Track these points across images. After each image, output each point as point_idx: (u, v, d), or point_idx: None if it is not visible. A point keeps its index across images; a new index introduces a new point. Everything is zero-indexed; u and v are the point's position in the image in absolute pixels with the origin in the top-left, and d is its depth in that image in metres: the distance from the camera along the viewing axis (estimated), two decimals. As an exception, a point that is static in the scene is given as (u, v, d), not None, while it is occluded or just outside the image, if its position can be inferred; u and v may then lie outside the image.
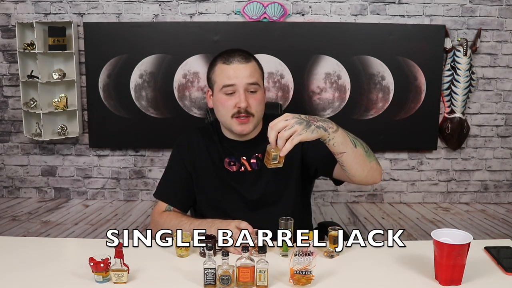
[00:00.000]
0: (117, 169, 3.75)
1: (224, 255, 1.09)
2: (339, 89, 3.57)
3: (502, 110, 3.70)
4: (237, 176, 1.49)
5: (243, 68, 1.40)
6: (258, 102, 1.43)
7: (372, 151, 1.37)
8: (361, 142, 1.36)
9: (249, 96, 1.41)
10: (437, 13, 3.54)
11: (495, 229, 3.20)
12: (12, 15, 3.55)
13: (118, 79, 3.56)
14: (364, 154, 1.32)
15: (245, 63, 1.41)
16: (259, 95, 1.43)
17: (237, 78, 1.40)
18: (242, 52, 1.44)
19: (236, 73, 1.40)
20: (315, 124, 1.19)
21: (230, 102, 1.41)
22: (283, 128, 1.15)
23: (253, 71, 1.42)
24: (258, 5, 3.49)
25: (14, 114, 3.70)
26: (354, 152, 1.29)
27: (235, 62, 1.41)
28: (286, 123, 1.15)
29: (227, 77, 1.41)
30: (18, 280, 1.14)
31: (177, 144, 1.58)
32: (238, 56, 1.42)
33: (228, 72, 1.41)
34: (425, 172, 3.76)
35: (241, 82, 1.40)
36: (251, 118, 1.42)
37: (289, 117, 1.17)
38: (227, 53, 1.44)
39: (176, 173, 1.55)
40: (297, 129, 1.15)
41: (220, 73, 1.43)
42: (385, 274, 1.19)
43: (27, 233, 3.02)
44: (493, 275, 1.17)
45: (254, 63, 1.44)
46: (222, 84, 1.42)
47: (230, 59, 1.41)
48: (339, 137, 1.25)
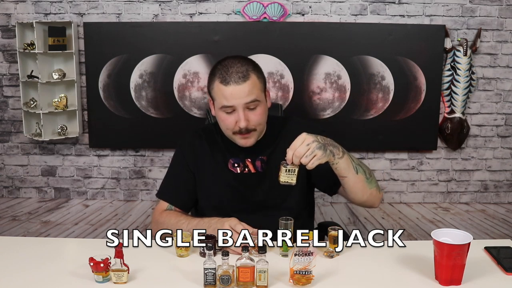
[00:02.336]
0: (117, 169, 3.75)
1: (224, 255, 1.09)
2: (339, 89, 3.57)
3: (502, 110, 3.70)
4: (241, 178, 1.49)
5: (241, 89, 1.37)
6: (259, 116, 1.42)
7: (374, 178, 1.44)
8: (365, 168, 1.41)
9: (249, 113, 1.40)
10: (437, 13, 3.54)
11: (495, 229, 3.20)
12: (12, 15, 3.55)
13: (118, 79, 3.56)
14: (365, 180, 1.39)
15: (243, 82, 1.37)
16: (259, 109, 1.42)
17: (235, 100, 1.37)
18: (241, 66, 1.39)
19: (234, 95, 1.37)
20: (329, 148, 1.28)
21: (230, 120, 1.41)
22: (305, 153, 1.23)
23: (251, 89, 1.38)
24: (258, 5, 3.49)
25: (14, 114, 3.70)
26: (355, 177, 1.36)
27: (232, 83, 1.37)
28: (308, 147, 1.24)
29: (225, 98, 1.38)
30: (18, 280, 1.14)
31: (180, 145, 1.58)
32: (236, 75, 1.37)
33: (225, 93, 1.38)
34: (425, 172, 3.76)
35: (239, 103, 1.38)
36: (253, 133, 1.43)
37: (309, 141, 1.25)
38: (225, 68, 1.39)
39: (178, 173, 1.55)
40: (317, 154, 1.24)
41: (218, 91, 1.40)
42: (385, 274, 1.19)
43: (27, 233, 3.02)
44: (493, 275, 1.17)
45: (252, 78, 1.39)
46: (220, 104, 1.40)
47: (227, 79, 1.37)
48: (343, 163, 1.33)
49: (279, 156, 1.51)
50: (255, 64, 1.44)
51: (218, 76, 1.40)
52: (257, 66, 1.44)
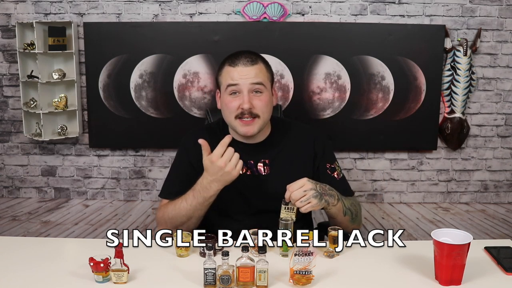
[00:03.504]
0: (117, 169, 3.75)
1: (224, 255, 1.09)
2: (339, 89, 3.57)
3: (502, 110, 3.70)
4: (243, 179, 1.49)
5: (248, 70, 1.42)
6: (264, 103, 1.43)
7: (360, 216, 1.53)
8: (353, 210, 1.48)
9: (254, 97, 1.42)
10: (437, 13, 3.54)
11: (495, 229, 3.20)
12: (12, 15, 3.55)
13: (118, 79, 3.56)
14: (349, 220, 1.46)
15: (251, 65, 1.42)
16: (265, 96, 1.43)
17: (241, 79, 1.41)
18: (250, 54, 1.46)
19: (241, 75, 1.41)
20: (325, 198, 1.35)
21: (234, 103, 1.42)
22: (301, 198, 1.30)
23: (258, 72, 1.43)
24: (258, 5, 3.49)
25: (14, 114, 3.70)
26: (342, 218, 1.44)
27: (240, 65, 1.42)
28: (305, 193, 1.30)
29: (231, 78, 1.42)
30: (18, 280, 1.14)
31: (184, 143, 1.57)
32: (244, 59, 1.43)
33: (232, 73, 1.42)
34: (425, 172, 3.76)
35: (245, 83, 1.41)
36: (256, 120, 1.43)
37: (307, 188, 1.31)
38: (234, 55, 1.46)
39: (181, 172, 1.54)
40: (312, 202, 1.31)
41: (226, 74, 1.44)
42: (385, 274, 1.19)
43: (27, 233, 3.02)
44: (493, 275, 1.17)
45: (260, 65, 1.45)
46: (226, 83, 1.43)
47: (236, 61, 1.43)
48: (335, 209, 1.41)
49: (282, 159, 1.52)
50: (264, 59, 1.50)
51: (227, 61, 1.46)
52: (265, 60, 1.50)
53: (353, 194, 1.58)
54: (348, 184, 1.60)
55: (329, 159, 1.56)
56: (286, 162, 1.52)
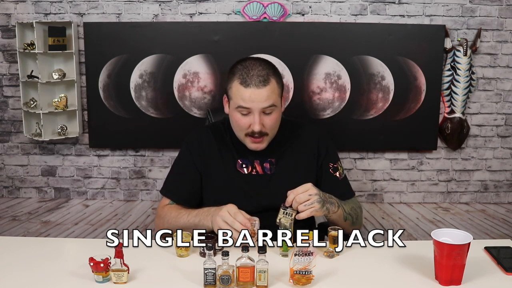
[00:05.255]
0: (117, 169, 3.74)
1: (224, 255, 1.09)
2: (339, 89, 3.57)
3: (502, 110, 3.70)
4: (248, 179, 1.49)
5: (260, 93, 1.37)
6: (274, 121, 1.44)
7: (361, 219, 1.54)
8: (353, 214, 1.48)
9: (264, 118, 1.41)
10: (437, 13, 3.54)
11: (495, 229, 3.20)
12: (12, 15, 3.55)
13: (118, 79, 3.56)
14: (349, 225, 1.47)
15: (263, 86, 1.37)
16: (275, 114, 1.43)
17: (253, 103, 1.38)
18: (262, 69, 1.39)
19: (252, 98, 1.38)
20: (326, 205, 1.36)
21: (245, 122, 1.42)
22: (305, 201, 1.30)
23: (270, 94, 1.39)
24: (258, 5, 3.49)
25: (14, 114, 3.70)
26: (342, 223, 1.44)
27: (252, 86, 1.37)
28: (309, 197, 1.31)
29: (242, 99, 1.39)
30: (18, 280, 1.14)
31: (187, 142, 1.57)
32: (257, 78, 1.37)
33: (244, 95, 1.38)
34: (425, 172, 3.76)
35: (257, 107, 1.39)
36: (265, 137, 1.44)
37: (312, 192, 1.32)
38: (246, 69, 1.39)
39: (183, 171, 1.54)
40: (315, 206, 1.31)
41: (236, 92, 1.40)
42: (385, 274, 1.19)
43: (27, 233, 3.02)
44: (493, 275, 1.17)
45: (272, 83, 1.40)
46: (237, 104, 1.41)
47: (247, 81, 1.38)
48: (336, 215, 1.42)
49: (288, 159, 1.53)
50: (275, 69, 1.45)
51: (238, 76, 1.40)
52: (277, 70, 1.45)
53: (354, 195, 1.59)
54: (350, 184, 1.60)
55: (332, 159, 1.57)
56: (291, 161, 1.53)
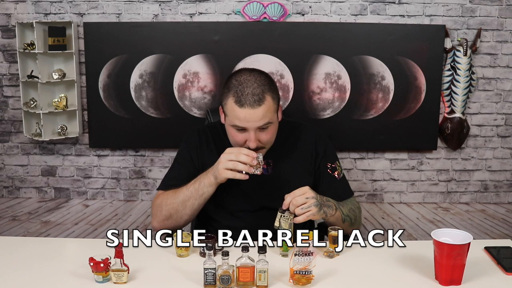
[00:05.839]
0: (117, 169, 3.74)
1: (224, 255, 1.09)
2: (339, 89, 3.57)
3: (502, 110, 3.70)
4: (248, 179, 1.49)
5: (255, 113, 1.36)
6: (270, 136, 1.44)
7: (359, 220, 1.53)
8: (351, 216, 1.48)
9: (260, 134, 1.41)
10: (437, 13, 3.54)
11: (495, 229, 3.20)
12: (12, 15, 3.55)
13: (118, 79, 3.56)
14: (348, 226, 1.46)
15: (258, 106, 1.36)
16: (271, 129, 1.43)
17: (248, 123, 1.37)
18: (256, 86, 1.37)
19: (247, 118, 1.36)
20: (324, 209, 1.36)
21: (241, 138, 1.42)
22: (302, 204, 1.29)
23: (265, 112, 1.37)
24: (258, 5, 3.49)
25: (14, 114, 3.70)
26: (341, 225, 1.43)
27: (247, 106, 1.35)
28: (306, 201, 1.30)
29: (237, 119, 1.38)
30: (18, 280, 1.14)
31: (186, 140, 1.58)
32: (251, 98, 1.35)
33: (239, 115, 1.37)
34: (425, 172, 3.76)
35: (252, 126, 1.38)
36: (261, 150, 1.44)
37: (309, 195, 1.31)
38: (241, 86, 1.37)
39: (182, 168, 1.55)
40: (312, 210, 1.31)
41: (231, 110, 1.39)
42: (385, 274, 1.19)
43: (27, 233, 3.02)
44: (493, 275, 1.17)
45: (268, 100, 1.38)
46: (232, 123, 1.40)
47: (242, 101, 1.36)
48: (334, 218, 1.41)
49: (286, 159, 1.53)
50: (271, 82, 1.43)
51: (232, 93, 1.38)
52: (272, 84, 1.43)
53: (352, 194, 1.58)
54: (348, 184, 1.60)
55: (330, 159, 1.56)
56: (289, 161, 1.53)
